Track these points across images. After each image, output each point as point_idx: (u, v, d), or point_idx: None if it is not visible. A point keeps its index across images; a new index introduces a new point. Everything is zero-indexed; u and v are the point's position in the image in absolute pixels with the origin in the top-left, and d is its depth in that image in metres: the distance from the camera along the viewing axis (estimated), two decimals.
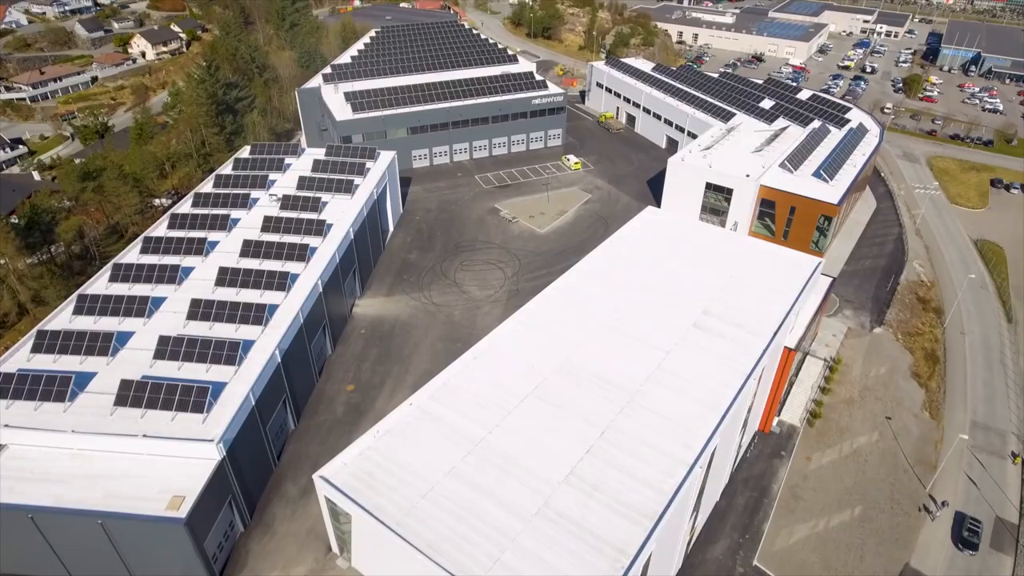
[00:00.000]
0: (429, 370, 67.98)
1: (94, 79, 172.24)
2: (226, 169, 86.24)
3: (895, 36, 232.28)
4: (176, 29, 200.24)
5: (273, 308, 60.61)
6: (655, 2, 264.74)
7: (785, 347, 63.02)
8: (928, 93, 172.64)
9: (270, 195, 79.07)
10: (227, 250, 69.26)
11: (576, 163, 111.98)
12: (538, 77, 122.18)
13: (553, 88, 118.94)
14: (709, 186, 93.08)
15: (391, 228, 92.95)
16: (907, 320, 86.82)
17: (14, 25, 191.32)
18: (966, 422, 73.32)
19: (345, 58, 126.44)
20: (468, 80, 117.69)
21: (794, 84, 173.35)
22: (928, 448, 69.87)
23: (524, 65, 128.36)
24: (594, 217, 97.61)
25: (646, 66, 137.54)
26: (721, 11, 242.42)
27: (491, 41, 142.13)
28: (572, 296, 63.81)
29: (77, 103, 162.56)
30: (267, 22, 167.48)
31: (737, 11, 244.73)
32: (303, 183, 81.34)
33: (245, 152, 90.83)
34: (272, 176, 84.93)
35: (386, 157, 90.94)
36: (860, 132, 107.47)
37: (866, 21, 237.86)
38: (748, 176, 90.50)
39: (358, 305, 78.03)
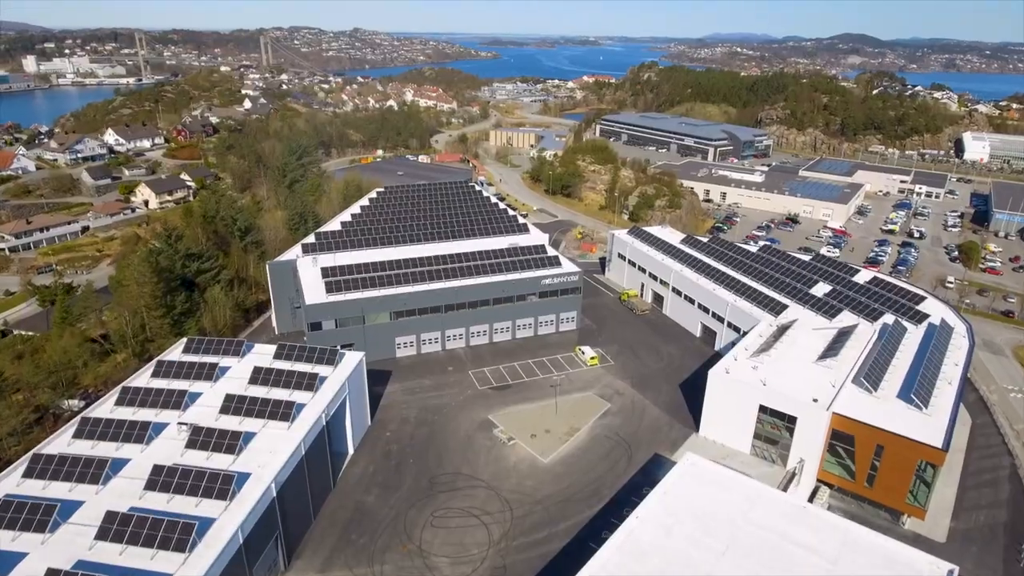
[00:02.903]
0: None
1: (85, 229, 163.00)
2: (139, 378, 67.87)
3: (936, 197, 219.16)
4: (185, 178, 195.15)
5: None
6: (679, 158, 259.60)
7: None
8: (991, 264, 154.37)
9: (179, 424, 59.63)
10: (86, 521, 48.54)
11: (593, 358, 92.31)
12: (550, 251, 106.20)
13: (567, 265, 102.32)
14: (764, 409, 71.81)
15: (351, 451, 72.16)
16: None
17: (20, 171, 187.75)
18: None
19: (335, 224, 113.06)
20: (469, 254, 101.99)
21: (837, 250, 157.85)
22: None
23: (535, 236, 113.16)
24: (614, 440, 75.94)
25: (674, 237, 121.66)
26: (749, 168, 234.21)
27: (501, 205, 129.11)
28: None
29: (59, 255, 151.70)
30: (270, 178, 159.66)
31: (766, 168, 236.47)
32: (229, 404, 62.07)
33: (176, 351, 73.07)
34: (196, 388, 66.14)
35: (350, 361, 72.33)
36: (944, 331, 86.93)
37: (903, 181, 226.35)
38: (816, 401, 69.25)
39: None
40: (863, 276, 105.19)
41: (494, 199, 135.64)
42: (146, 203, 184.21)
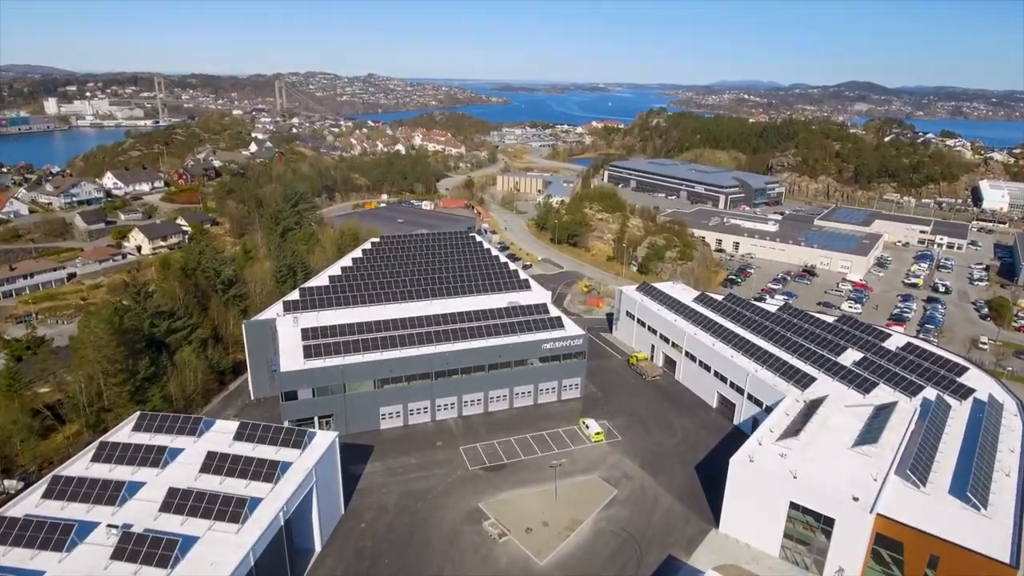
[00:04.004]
0: None
1: (71, 276, 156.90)
2: (77, 464, 59.44)
3: (958, 248, 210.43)
4: (181, 222, 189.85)
5: None
6: (689, 205, 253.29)
7: None
8: None
9: (108, 526, 50.85)
10: None
11: (598, 433, 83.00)
12: (553, 311, 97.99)
13: (571, 327, 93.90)
14: (796, 506, 62.15)
15: (317, 547, 62.79)
16: None
17: (12, 215, 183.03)
18: None
19: (323, 278, 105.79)
20: (464, 314, 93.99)
21: (859, 306, 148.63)
22: None
23: (537, 293, 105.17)
24: (622, 537, 66.12)
25: (686, 295, 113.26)
26: (762, 217, 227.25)
27: (503, 257, 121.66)
28: None
29: (41, 303, 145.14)
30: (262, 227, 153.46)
31: (779, 217, 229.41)
32: (172, 500, 53.36)
33: (125, 428, 64.80)
34: (140, 477, 57.58)
35: (320, 443, 63.70)
36: (994, 409, 77.17)
37: (923, 231, 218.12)
38: (857, 500, 59.64)
39: None
40: (895, 341, 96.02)
41: (495, 250, 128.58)
42: (139, 248, 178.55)
